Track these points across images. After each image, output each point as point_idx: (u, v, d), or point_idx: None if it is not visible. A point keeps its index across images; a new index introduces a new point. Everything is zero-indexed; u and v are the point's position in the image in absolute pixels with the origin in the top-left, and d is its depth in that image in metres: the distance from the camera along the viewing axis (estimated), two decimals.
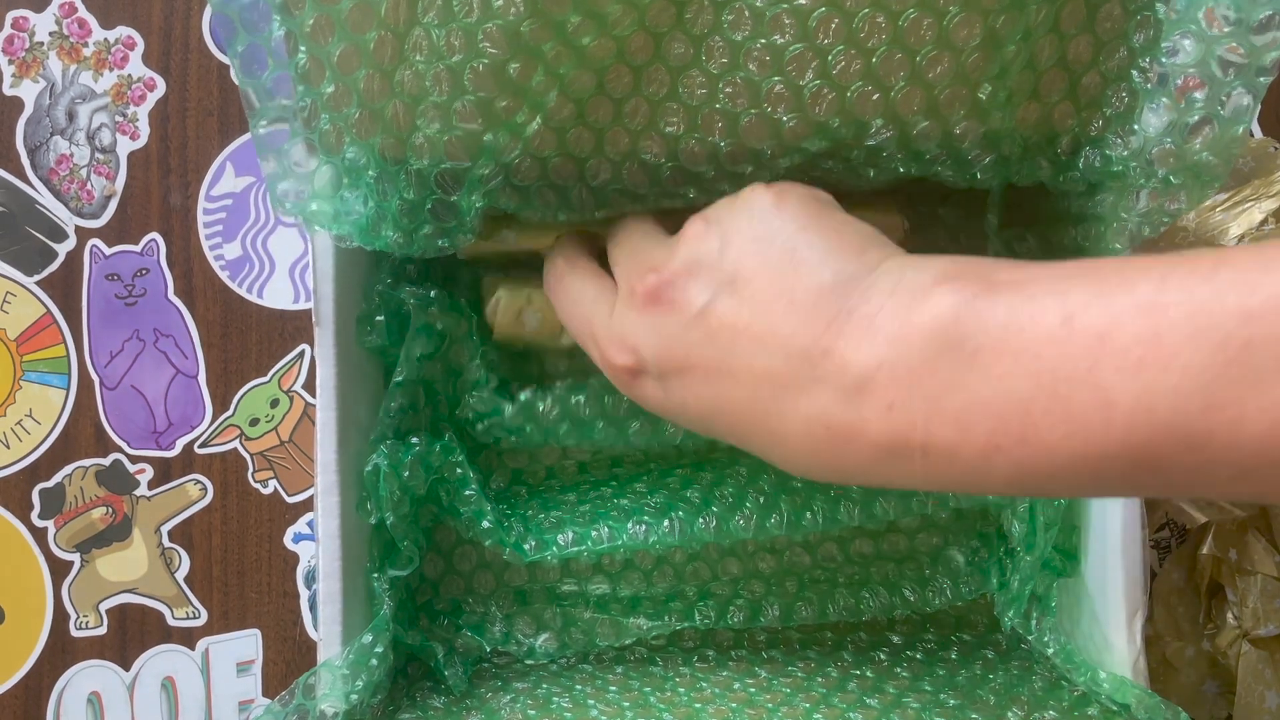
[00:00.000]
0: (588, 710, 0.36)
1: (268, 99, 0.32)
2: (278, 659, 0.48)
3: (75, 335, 0.49)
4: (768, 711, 0.35)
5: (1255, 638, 0.41)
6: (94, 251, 0.49)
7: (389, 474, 0.36)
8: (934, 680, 0.37)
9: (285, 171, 0.34)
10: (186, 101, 0.49)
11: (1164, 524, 0.46)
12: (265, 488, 0.49)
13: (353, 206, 0.35)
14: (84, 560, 0.48)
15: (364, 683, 0.35)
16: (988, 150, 0.33)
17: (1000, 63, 0.31)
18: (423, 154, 0.33)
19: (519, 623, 0.41)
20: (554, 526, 0.39)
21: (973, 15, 0.30)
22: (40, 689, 0.48)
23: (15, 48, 0.49)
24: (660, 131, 0.34)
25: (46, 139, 0.49)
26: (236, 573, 0.48)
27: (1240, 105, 0.30)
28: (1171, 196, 0.32)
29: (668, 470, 0.41)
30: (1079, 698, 0.35)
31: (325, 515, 0.35)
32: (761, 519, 0.38)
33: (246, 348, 0.49)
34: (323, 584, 0.35)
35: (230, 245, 0.49)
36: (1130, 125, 0.32)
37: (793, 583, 0.42)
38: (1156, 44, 0.31)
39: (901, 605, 0.41)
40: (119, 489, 0.49)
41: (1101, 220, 0.34)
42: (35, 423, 0.49)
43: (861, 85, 0.31)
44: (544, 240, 0.38)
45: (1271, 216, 0.41)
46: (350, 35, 0.31)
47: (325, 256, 0.36)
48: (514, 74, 0.32)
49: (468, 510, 0.38)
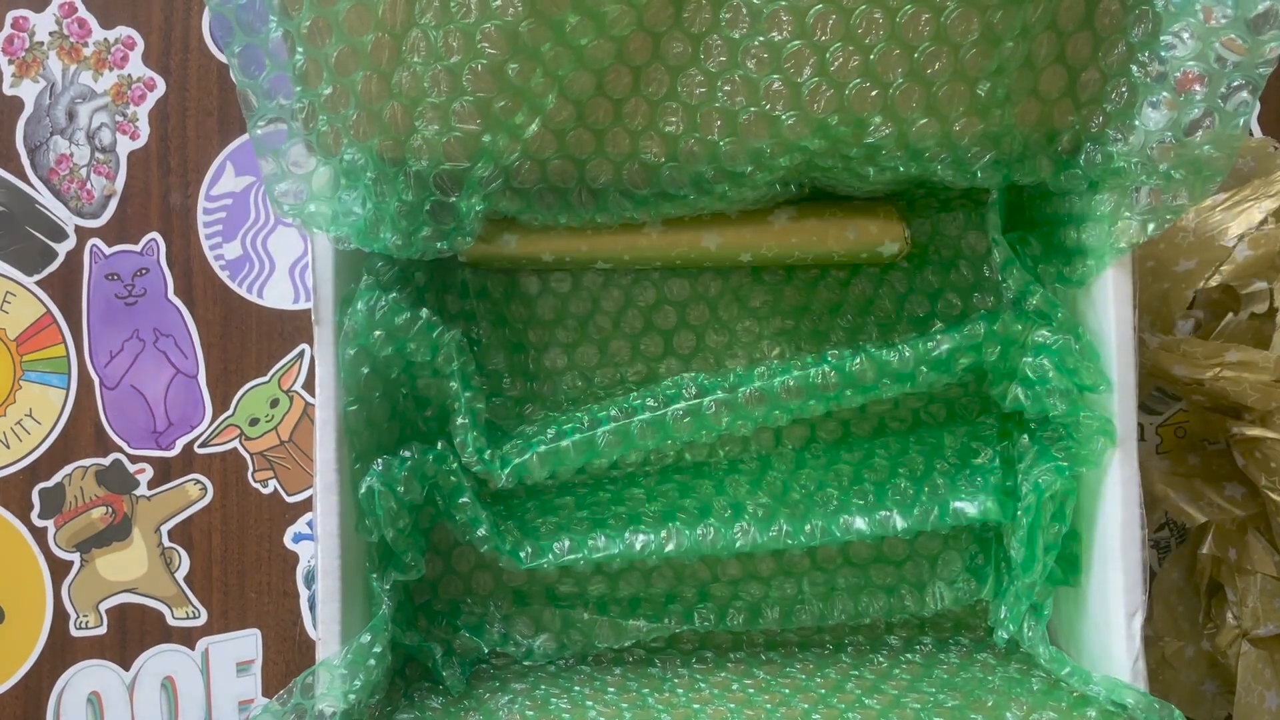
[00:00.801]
0: (586, 711, 0.36)
1: (265, 99, 0.32)
2: (277, 659, 0.48)
3: (75, 335, 0.49)
4: (766, 712, 0.35)
5: (1255, 637, 0.41)
6: (94, 251, 0.49)
7: (384, 492, 0.36)
8: (933, 681, 0.37)
9: (283, 172, 0.33)
10: (186, 101, 0.49)
11: (1164, 524, 0.46)
12: (265, 487, 0.49)
13: (351, 208, 0.35)
14: (84, 560, 0.48)
15: (362, 682, 0.34)
16: (987, 148, 0.33)
17: (998, 59, 0.31)
18: (421, 155, 0.33)
19: (517, 624, 0.41)
20: (550, 533, 0.38)
21: (970, 11, 0.30)
22: (40, 689, 0.48)
23: (15, 47, 0.49)
24: (660, 131, 0.34)
25: (46, 139, 0.49)
26: (236, 572, 0.48)
27: (1241, 98, 0.30)
28: (1173, 193, 0.32)
29: (665, 476, 0.41)
30: (1078, 699, 0.35)
31: (325, 515, 0.35)
32: (760, 531, 0.38)
33: (246, 347, 0.49)
34: (321, 583, 0.35)
35: (230, 245, 0.49)
36: (1130, 121, 0.32)
37: (792, 585, 0.41)
38: (1155, 39, 0.31)
39: (900, 609, 0.41)
40: (119, 489, 0.49)
41: (1104, 220, 0.34)
42: (35, 422, 0.49)
43: (860, 82, 0.31)
44: (545, 244, 0.38)
45: (1271, 216, 0.41)
46: (348, 36, 0.31)
47: (325, 256, 0.36)
48: (513, 75, 0.32)
49: (463, 517, 0.38)
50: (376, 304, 0.35)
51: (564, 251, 0.39)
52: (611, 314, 0.42)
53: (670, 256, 0.39)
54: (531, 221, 0.37)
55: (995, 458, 0.39)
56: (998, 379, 0.38)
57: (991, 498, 0.37)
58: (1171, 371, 0.40)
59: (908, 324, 0.41)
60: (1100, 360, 0.34)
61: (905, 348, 0.37)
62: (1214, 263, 0.41)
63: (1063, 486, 0.35)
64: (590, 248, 0.38)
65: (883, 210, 0.39)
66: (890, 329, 0.41)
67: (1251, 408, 0.39)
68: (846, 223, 0.38)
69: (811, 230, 0.38)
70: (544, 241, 0.38)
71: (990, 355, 0.37)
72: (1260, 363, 0.38)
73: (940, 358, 0.37)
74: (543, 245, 0.38)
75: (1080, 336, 0.35)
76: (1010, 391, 0.37)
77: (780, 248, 0.38)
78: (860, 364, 0.37)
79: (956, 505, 0.38)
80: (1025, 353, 0.36)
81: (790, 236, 0.38)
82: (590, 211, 0.36)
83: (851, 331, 0.41)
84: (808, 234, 0.38)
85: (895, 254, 0.39)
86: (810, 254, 0.39)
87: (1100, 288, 0.34)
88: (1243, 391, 0.39)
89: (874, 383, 0.37)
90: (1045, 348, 0.35)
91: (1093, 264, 0.34)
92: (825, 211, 0.38)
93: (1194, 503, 0.41)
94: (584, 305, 0.42)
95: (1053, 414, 0.35)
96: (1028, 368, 0.36)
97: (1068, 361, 0.34)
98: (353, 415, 0.36)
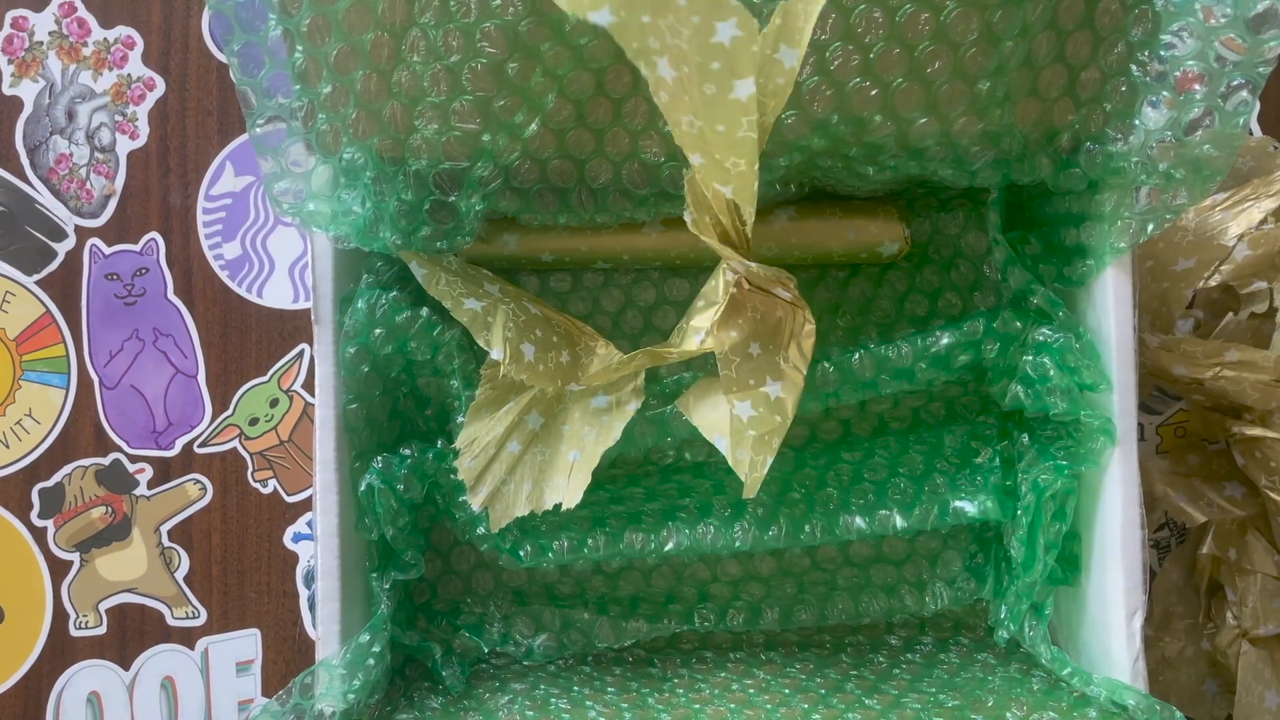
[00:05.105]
0: (586, 711, 0.36)
1: (265, 98, 0.32)
2: (277, 659, 0.48)
3: (75, 335, 0.49)
4: (766, 713, 0.35)
5: (1255, 637, 0.41)
6: (93, 251, 0.49)
7: (384, 490, 0.36)
8: (933, 681, 0.37)
9: (283, 171, 0.33)
10: (186, 101, 0.49)
11: (1164, 524, 0.46)
12: (265, 487, 0.49)
13: (350, 207, 0.35)
14: (83, 560, 0.48)
15: (361, 682, 0.34)
16: (987, 148, 0.33)
17: (998, 58, 0.31)
18: (420, 155, 0.33)
19: (517, 623, 0.41)
20: (550, 532, 0.38)
21: (970, 10, 0.30)
22: (40, 689, 0.48)
23: (15, 47, 0.49)
24: (660, 131, 0.34)
25: (46, 138, 0.49)
26: (236, 572, 0.48)
27: (1240, 98, 0.30)
28: (1173, 192, 0.32)
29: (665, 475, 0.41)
30: (1078, 699, 0.35)
31: (324, 514, 0.35)
32: (760, 531, 0.38)
33: (246, 347, 0.49)
34: (321, 583, 0.35)
35: (230, 245, 0.49)
36: (1130, 120, 0.32)
37: (792, 585, 0.41)
38: (1155, 38, 0.31)
39: (900, 609, 0.41)
40: (118, 488, 0.49)
41: (1104, 219, 0.34)
42: (35, 422, 0.49)
43: (859, 81, 0.31)
44: (544, 244, 0.38)
45: (1271, 216, 0.41)
46: (347, 35, 0.31)
47: (324, 256, 0.36)
48: (512, 74, 0.32)
49: (463, 516, 0.38)
50: (377, 302, 0.35)
51: (564, 251, 0.39)
52: (611, 314, 0.42)
53: (670, 256, 0.39)
54: (531, 221, 0.36)
55: (995, 457, 0.39)
56: (997, 377, 0.38)
57: (991, 497, 0.37)
58: (1171, 371, 0.39)
59: (907, 324, 0.41)
60: (1101, 359, 0.34)
61: (904, 344, 0.37)
62: (1213, 262, 0.41)
63: (1063, 486, 0.35)
64: (590, 248, 0.38)
65: (882, 210, 0.39)
66: (890, 329, 0.41)
67: (1251, 407, 0.39)
68: (846, 222, 0.38)
69: (811, 230, 0.38)
70: (544, 241, 0.38)
71: (989, 352, 0.37)
72: (1260, 362, 0.38)
73: (939, 354, 0.37)
74: (542, 245, 0.38)
75: (1081, 335, 0.35)
76: (1010, 390, 0.37)
77: (780, 248, 0.38)
78: (859, 360, 0.37)
79: (956, 504, 0.38)
80: (1025, 351, 0.36)
81: (790, 236, 0.38)
82: (590, 211, 0.36)
83: (851, 331, 0.41)
84: (807, 234, 0.38)
85: (895, 254, 0.39)
86: (810, 254, 0.39)
87: (1100, 287, 0.34)
88: (1243, 391, 0.39)
89: (872, 379, 0.37)
90: (1046, 346, 0.35)
91: (1093, 263, 0.34)
92: (825, 211, 0.38)
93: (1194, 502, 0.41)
94: (584, 305, 0.42)
95: (1053, 413, 0.35)
96: (1028, 366, 0.36)
97: (1068, 360, 0.34)
98: (353, 413, 0.36)
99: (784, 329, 0.33)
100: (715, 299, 0.32)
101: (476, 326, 0.34)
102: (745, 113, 0.27)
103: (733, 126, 0.28)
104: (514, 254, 0.38)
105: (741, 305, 0.32)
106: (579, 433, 0.36)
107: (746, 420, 0.32)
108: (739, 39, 0.26)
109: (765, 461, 0.32)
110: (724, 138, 0.28)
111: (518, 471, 0.36)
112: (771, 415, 0.32)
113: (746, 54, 0.26)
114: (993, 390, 0.39)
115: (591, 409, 0.36)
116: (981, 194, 0.40)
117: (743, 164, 0.28)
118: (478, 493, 0.35)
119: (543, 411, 0.36)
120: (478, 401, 0.36)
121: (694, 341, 0.33)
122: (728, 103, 0.27)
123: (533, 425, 0.36)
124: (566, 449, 0.36)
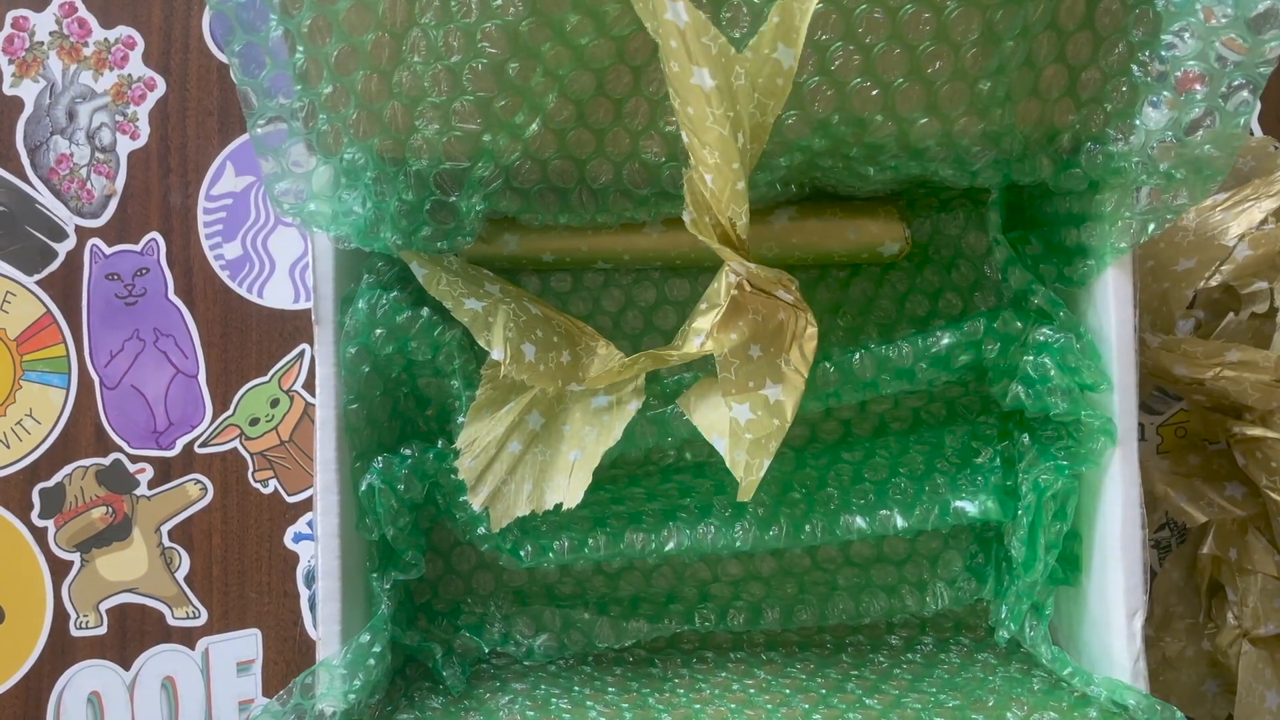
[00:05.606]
0: (586, 711, 0.36)
1: (266, 98, 0.32)
2: (278, 659, 0.48)
3: (75, 335, 0.49)
4: (766, 713, 0.35)
5: (1255, 637, 0.41)
6: (94, 251, 0.49)
7: (384, 490, 0.36)
8: (934, 681, 0.37)
9: (284, 171, 0.34)
10: (186, 101, 0.49)
11: (1164, 524, 0.46)
12: (265, 487, 0.49)
13: (351, 207, 0.35)
14: (84, 560, 0.48)
15: (362, 682, 0.34)
16: (988, 148, 0.33)
17: (999, 58, 0.31)
18: (421, 155, 0.33)
19: (518, 623, 0.41)
20: (551, 532, 0.38)
21: (971, 10, 0.30)
22: (40, 689, 0.48)
23: (15, 47, 0.49)
24: (661, 131, 0.34)
25: (46, 138, 0.49)
26: (236, 572, 0.48)
27: (1241, 98, 0.30)
28: (1174, 193, 0.32)
29: (665, 475, 0.41)
30: (1079, 699, 0.35)
31: (325, 514, 0.35)
32: (761, 531, 0.38)
33: (246, 347, 0.49)
34: (322, 583, 0.35)
35: (230, 245, 0.49)
36: (1131, 121, 0.32)
37: (792, 585, 0.41)
38: (1156, 38, 0.31)
39: (900, 609, 0.41)
40: (119, 489, 0.49)
41: (1104, 220, 0.34)
42: (35, 422, 0.49)
43: (860, 81, 0.31)
44: (545, 245, 0.38)
45: (1271, 216, 0.41)
46: (348, 36, 0.31)
47: (325, 256, 0.36)
48: (513, 74, 0.32)
49: (464, 516, 0.38)
50: (378, 302, 0.35)
51: (564, 251, 0.39)
52: (612, 314, 0.42)
53: (671, 257, 0.39)
54: (532, 221, 0.36)
55: (995, 457, 0.39)
56: (998, 377, 0.38)
57: (992, 497, 0.37)
58: (1172, 371, 0.40)
59: (908, 324, 0.41)
60: (1101, 359, 0.34)
61: (904, 344, 0.37)
62: (1214, 262, 0.41)
63: (1063, 486, 0.35)
64: (590, 248, 0.38)
65: (883, 210, 0.39)
66: (890, 329, 0.41)
67: (1252, 407, 0.39)
68: (847, 222, 0.38)
69: (811, 230, 0.38)
70: (544, 241, 0.38)
71: (990, 352, 0.37)
72: (1261, 362, 0.38)
73: (940, 354, 0.37)
74: (543, 245, 0.38)
75: (1082, 335, 0.35)
76: (1011, 390, 0.37)
77: (780, 248, 0.38)
78: (859, 360, 0.37)
79: (957, 504, 0.38)
80: (1026, 351, 0.36)
81: (790, 236, 0.38)
82: (590, 211, 0.36)
83: (852, 331, 0.41)
84: (808, 234, 0.38)
85: (895, 254, 0.39)
86: (810, 254, 0.39)
87: (1101, 287, 0.34)
88: (1243, 391, 0.39)
89: (873, 379, 0.37)
90: (1047, 346, 0.35)
91: (1093, 263, 0.34)
92: (825, 211, 0.38)
93: (1194, 502, 0.41)
94: (584, 305, 0.42)
95: (1053, 413, 0.35)
96: (1029, 366, 0.36)
97: (1069, 360, 0.34)
98: (353, 413, 0.36)
99: (785, 331, 0.33)
100: (718, 301, 0.32)
101: (477, 326, 0.34)
102: (709, 103, 0.27)
103: (700, 114, 0.28)
104: (515, 254, 0.38)
105: (743, 307, 0.32)
106: (580, 433, 0.36)
107: (744, 424, 0.32)
108: (690, 25, 0.26)
109: (762, 465, 0.32)
110: (697, 123, 0.28)
111: (518, 471, 0.36)
112: (770, 419, 0.32)
113: (697, 43, 0.27)
114: (993, 390, 0.39)
115: (592, 409, 0.36)
116: (982, 194, 0.40)
117: (717, 155, 0.28)
118: (478, 493, 0.35)
119: (543, 411, 0.36)
120: (478, 401, 0.36)
121: (695, 344, 0.33)
122: (690, 86, 0.27)
123: (533, 425, 0.36)
124: (567, 449, 0.36)
